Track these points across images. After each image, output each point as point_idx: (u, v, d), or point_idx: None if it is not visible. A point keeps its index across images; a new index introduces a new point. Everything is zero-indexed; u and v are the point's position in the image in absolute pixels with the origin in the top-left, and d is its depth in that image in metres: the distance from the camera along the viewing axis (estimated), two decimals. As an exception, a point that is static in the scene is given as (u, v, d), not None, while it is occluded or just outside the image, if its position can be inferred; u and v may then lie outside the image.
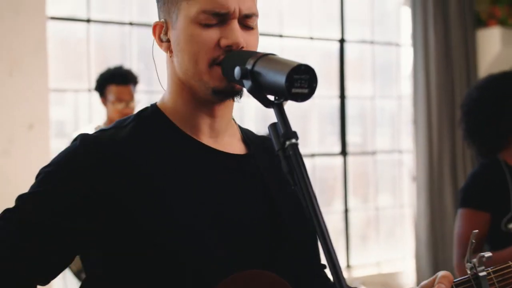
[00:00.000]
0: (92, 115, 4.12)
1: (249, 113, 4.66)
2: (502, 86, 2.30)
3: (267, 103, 1.05)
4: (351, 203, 5.15)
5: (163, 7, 1.20)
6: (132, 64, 4.15)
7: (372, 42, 5.28)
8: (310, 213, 0.95)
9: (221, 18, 1.14)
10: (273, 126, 1.02)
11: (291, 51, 4.88)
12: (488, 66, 5.28)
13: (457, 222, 2.27)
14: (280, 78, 0.99)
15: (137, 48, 4.29)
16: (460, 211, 2.27)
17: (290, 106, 1.07)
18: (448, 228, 5.00)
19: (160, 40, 1.21)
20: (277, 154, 1.00)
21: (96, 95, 3.56)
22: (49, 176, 1.13)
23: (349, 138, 5.14)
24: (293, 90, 0.99)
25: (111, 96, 3.40)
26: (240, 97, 1.19)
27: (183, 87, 1.19)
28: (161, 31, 1.21)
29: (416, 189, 5.08)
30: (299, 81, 0.99)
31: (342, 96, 5.07)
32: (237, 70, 1.06)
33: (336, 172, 5.00)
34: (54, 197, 1.10)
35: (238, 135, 1.29)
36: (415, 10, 5.05)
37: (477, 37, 5.27)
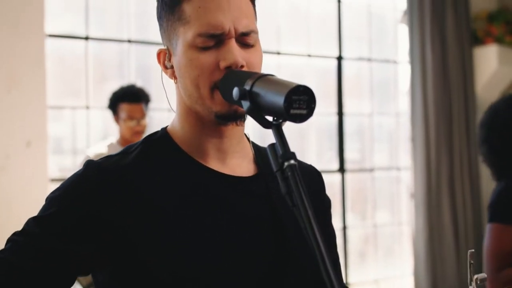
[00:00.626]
0: (90, 132, 4.12)
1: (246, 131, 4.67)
2: None
3: (265, 124, 1.05)
4: (349, 220, 5.14)
5: (165, 35, 1.20)
6: (130, 81, 4.16)
7: (369, 60, 5.31)
8: (308, 235, 0.94)
9: (218, 39, 1.13)
10: (271, 147, 1.02)
11: (289, 69, 4.90)
12: (485, 83, 5.30)
13: (486, 237, 2.27)
14: (278, 99, 0.99)
15: (135, 65, 4.30)
16: (488, 226, 2.27)
17: (288, 123, 1.06)
18: (447, 246, 4.99)
19: (165, 67, 1.21)
20: (276, 175, 1.00)
21: (97, 112, 3.59)
22: (55, 200, 1.14)
23: (347, 155, 5.15)
24: (292, 111, 0.98)
25: (123, 114, 3.49)
26: (244, 120, 1.18)
27: (189, 111, 1.19)
28: (165, 58, 1.21)
29: (414, 206, 5.08)
30: (297, 102, 0.98)
31: (340, 113, 5.08)
32: (235, 91, 1.06)
33: (334, 189, 5.00)
34: (59, 221, 1.11)
35: (250, 155, 1.27)
36: (412, 27, 5.09)
37: (474, 55, 5.30)
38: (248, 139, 1.29)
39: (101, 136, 4.20)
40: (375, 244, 5.36)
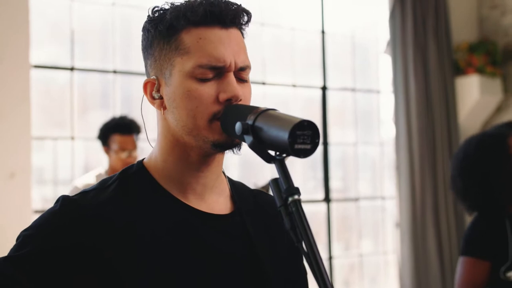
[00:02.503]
0: (74, 163, 4.10)
1: (233, 159, 4.67)
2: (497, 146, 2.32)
3: (268, 159, 1.04)
4: (335, 250, 5.13)
5: (154, 64, 1.18)
6: (115, 112, 4.16)
7: (353, 90, 5.36)
8: (315, 272, 0.94)
9: (218, 72, 1.13)
10: (274, 182, 1.01)
11: (274, 98, 4.93)
12: (468, 113, 5.37)
13: (458, 270, 2.28)
14: (283, 134, 0.98)
15: (120, 96, 4.30)
16: (461, 259, 2.28)
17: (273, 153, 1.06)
18: (433, 274, 4.98)
19: (152, 98, 1.18)
20: (279, 210, 0.99)
21: (81, 143, 3.56)
22: (29, 239, 1.10)
23: (332, 184, 5.16)
24: (296, 146, 0.98)
25: (114, 145, 3.47)
26: (239, 149, 1.16)
27: (176, 143, 1.17)
28: (152, 88, 1.18)
29: (400, 235, 5.08)
30: (302, 137, 0.98)
31: (325, 143, 5.10)
32: (238, 125, 1.05)
33: (320, 219, 4.99)
34: (34, 261, 1.08)
35: (226, 191, 1.26)
36: (396, 58, 5.15)
37: (456, 85, 5.37)
38: (224, 174, 1.28)
39: (84, 167, 4.18)
40: (360, 273, 5.35)
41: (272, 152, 1.04)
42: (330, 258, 5.06)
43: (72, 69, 4.12)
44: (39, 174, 4.17)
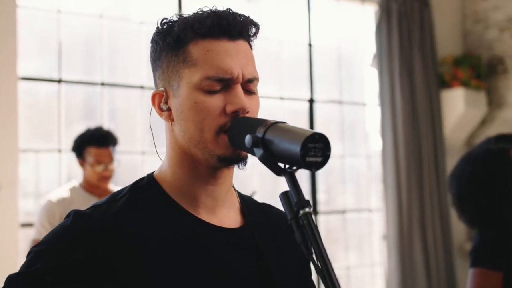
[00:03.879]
0: (61, 175, 4.09)
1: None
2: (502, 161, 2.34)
3: (278, 171, 1.04)
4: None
5: (162, 76, 1.18)
6: (103, 124, 4.15)
7: (340, 102, 5.39)
8: (327, 285, 0.94)
9: (225, 84, 1.13)
10: (285, 195, 1.01)
11: (262, 111, 4.92)
12: (453, 125, 5.42)
13: (470, 282, 2.26)
14: (294, 147, 0.98)
15: (108, 108, 4.30)
16: (472, 271, 2.26)
17: (260, 165, 1.06)
18: (419, 286, 5.00)
19: (160, 109, 1.18)
20: (290, 223, 0.98)
21: (67, 155, 3.50)
22: (40, 254, 1.09)
23: (319, 196, 5.17)
24: (308, 159, 0.98)
25: (90, 158, 3.31)
26: (245, 164, 1.16)
27: (184, 156, 1.16)
28: (160, 100, 1.18)
29: (386, 248, 5.10)
30: (313, 150, 0.98)
31: (312, 155, 5.10)
32: (248, 138, 1.05)
33: (307, 231, 4.99)
34: (48, 275, 1.07)
35: (236, 204, 1.25)
36: (382, 71, 5.20)
37: (442, 98, 5.43)
38: (233, 188, 1.27)
39: (70, 179, 4.16)
40: (347, 286, 5.35)
41: (281, 165, 1.04)
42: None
43: (59, 81, 4.11)
44: (26, 186, 4.14)
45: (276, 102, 5.04)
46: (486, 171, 2.33)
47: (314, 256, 0.97)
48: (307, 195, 5.04)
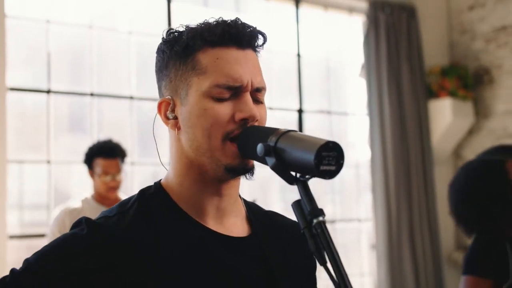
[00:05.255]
0: (50, 186, 4.05)
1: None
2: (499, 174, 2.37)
3: (291, 180, 1.03)
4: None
5: (169, 85, 1.17)
6: (93, 136, 4.13)
7: (329, 112, 5.41)
8: None
9: (234, 92, 1.12)
10: (297, 204, 1.00)
11: (251, 121, 4.94)
12: (441, 135, 5.45)
13: None
14: (308, 156, 0.97)
15: (97, 118, 4.28)
16: (463, 279, 2.30)
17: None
18: (409, 296, 5.01)
19: (166, 118, 1.17)
20: (303, 232, 0.98)
21: (56, 166, 3.50)
22: (49, 258, 1.08)
23: (309, 206, 5.16)
24: (322, 168, 0.97)
25: (98, 169, 3.43)
26: (252, 174, 1.15)
27: (191, 165, 1.16)
28: (167, 108, 1.17)
29: (376, 257, 5.10)
30: (327, 158, 0.97)
31: (301, 165, 5.11)
32: (260, 147, 1.04)
33: (297, 241, 4.99)
34: (53, 281, 1.05)
35: (243, 213, 1.25)
36: (370, 81, 5.23)
37: (429, 107, 5.46)
38: (240, 196, 1.27)
39: (59, 190, 4.13)
40: (337, 296, 5.34)
41: (293, 173, 1.03)
42: (307, 280, 5.05)
43: (48, 91, 4.08)
44: (15, 198, 4.10)
45: (266, 112, 5.04)
46: (482, 182, 2.36)
47: (328, 264, 0.97)
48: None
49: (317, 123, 5.41)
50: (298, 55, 5.18)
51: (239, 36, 1.15)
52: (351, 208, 5.58)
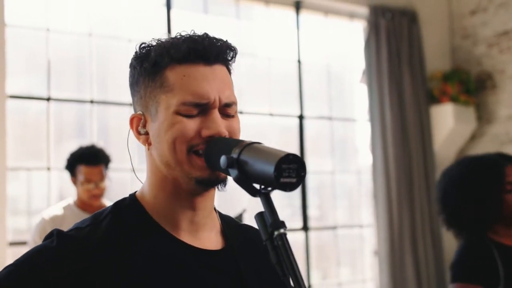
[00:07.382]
0: (50, 193, 4.06)
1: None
2: (485, 170, 2.36)
3: (253, 192, 1.03)
4: (313, 278, 5.11)
5: (140, 101, 1.18)
6: (92, 142, 4.14)
7: (330, 118, 5.40)
8: None
9: (202, 108, 1.12)
10: (260, 216, 1.01)
11: (252, 127, 4.95)
12: (443, 140, 5.43)
13: None
14: (268, 168, 0.98)
15: (97, 126, 4.29)
16: (452, 286, 2.28)
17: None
18: (411, 302, 4.99)
19: (138, 133, 1.18)
20: (265, 244, 0.98)
21: (56, 173, 3.48)
22: (19, 272, 1.07)
23: (310, 212, 5.16)
24: (282, 180, 0.97)
25: (80, 177, 3.28)
26: (225, 186, 1.15)
27: (165, 179, 1.16)
28: (138, 123, 1.18)
29: (378, 263, 5.08)
30: (287, 171, 0.97)
31: (302, 171, 5.10)
32: (223, 159, 1.04)
33: (298, 247, 4.98)
34: None
35: (217, 227, 1.25)
36: (371, 87, 5.22)
37: (431, 113, 5.45)
38: (215, 209, 1.27)
39: (60, 197, 4.13)
40: (340, 303, 5.33)
41: (257, 186, 1.04)
42: (309, 287, 5.03)
43: (48, 99, 4.10)
44: (15, 205, 4.11)
45: (266, 118, 5.05)
46: (475, 179, 2.36)
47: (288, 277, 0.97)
48: (298, 211, 5.03)
49: (318, 129, 5.40)
50: (299, 61, 5.18)
51: (205, 52, 1.14)
52: (353, 214, 5.56)
